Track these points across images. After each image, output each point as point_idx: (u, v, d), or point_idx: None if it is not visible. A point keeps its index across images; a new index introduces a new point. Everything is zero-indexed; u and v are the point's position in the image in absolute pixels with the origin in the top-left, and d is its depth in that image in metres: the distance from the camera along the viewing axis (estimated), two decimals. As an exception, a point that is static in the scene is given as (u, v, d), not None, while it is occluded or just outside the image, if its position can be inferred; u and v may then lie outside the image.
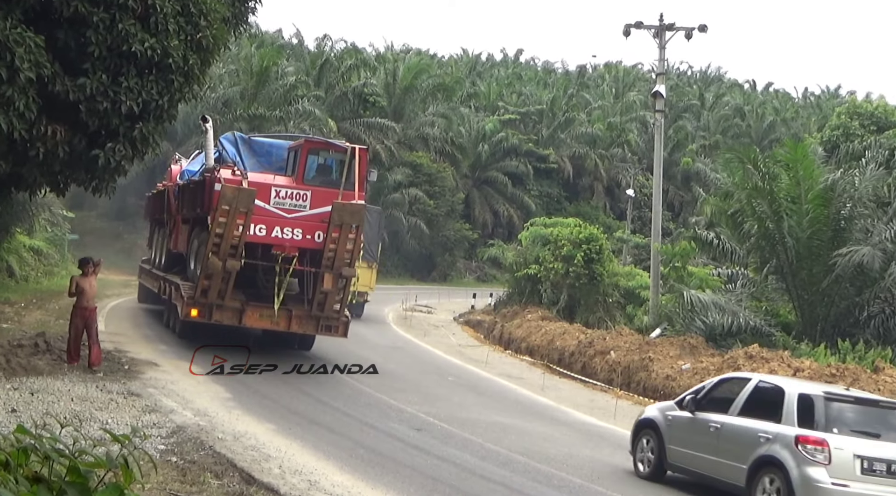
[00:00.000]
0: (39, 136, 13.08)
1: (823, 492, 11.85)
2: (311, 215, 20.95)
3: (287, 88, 54.15)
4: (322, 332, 21.46)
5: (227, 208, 19.77)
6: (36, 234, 38.04)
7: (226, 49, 17.07)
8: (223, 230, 19.89)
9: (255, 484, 10.95)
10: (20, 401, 13.90)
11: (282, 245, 20.82)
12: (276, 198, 20.93)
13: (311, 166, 21.68)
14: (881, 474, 11.98)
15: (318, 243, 20.73)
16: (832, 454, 11.97)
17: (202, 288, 20.53)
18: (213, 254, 20.10)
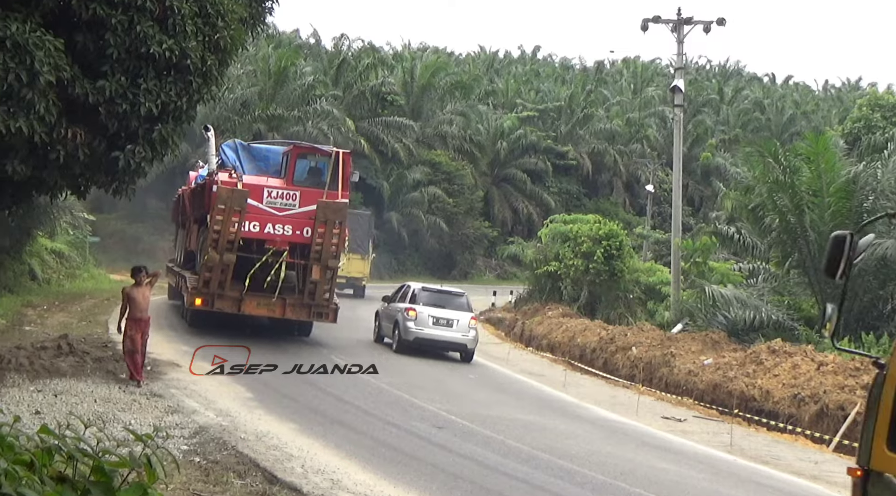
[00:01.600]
0: (59, 139, 13.14)
1: (412, 332, 25.46)
2: (300, 213, 23.19)
3: (305, 88, 54.25)
4: (314, 319, 23.92)
5: (223, 207, 22.15)
6: (57, 236, 38.25)
7: (243, 50, 17.11)
8: (220, 227, 22.22)
9: (277, 483, 10.98)
10: (44, 402, 13.98)
11: (274, 240, 23.07)
12: (269, 197, 23.21)
13: (300, 169, 24.10)
14: (439, 324, 25.62)
15: (306, 238, 23.04)
16: (418, 315, 25.50)
17: (204, 279, 22.80)
18: (213, 248, 22.44)
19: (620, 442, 17.22)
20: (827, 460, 17.91)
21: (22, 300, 28.91)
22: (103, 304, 31.18)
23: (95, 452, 3.86)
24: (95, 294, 34.63)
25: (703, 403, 22.69)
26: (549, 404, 20.88)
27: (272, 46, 58.35)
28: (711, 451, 17.59)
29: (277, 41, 63.67)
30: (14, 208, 16.15)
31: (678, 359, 25.10)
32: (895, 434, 6.36)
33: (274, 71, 54.08)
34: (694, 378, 23.78)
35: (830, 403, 19.80)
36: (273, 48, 57.77)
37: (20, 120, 12.29)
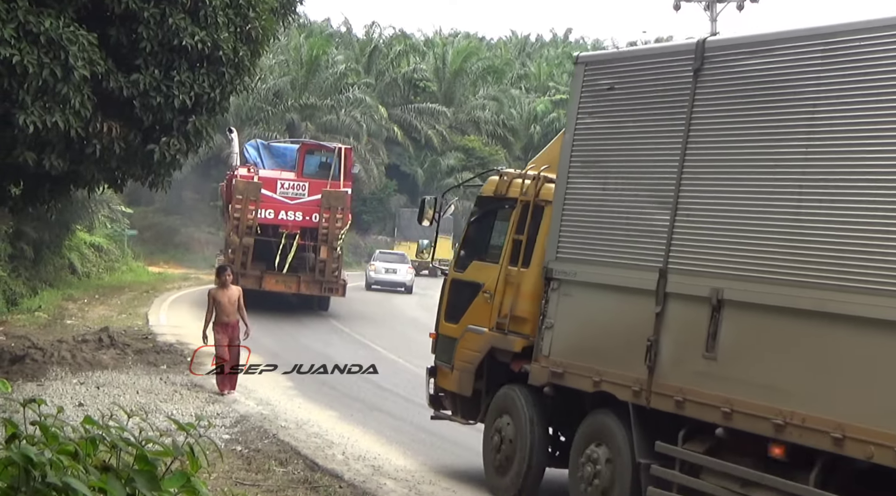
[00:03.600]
0: (95, 133, 13.25)
1: (373, 279, 40.27)
2: (308, 201, 27.25)
3: (337, 77, 54.34)
4: (325, 293, 27.46)
5: (241, 197, 26.42)
6: (96, 230, 38.59)
7: (275, 40, 17.19)
8: (240, 214, 26.40)
9: (319, 470, 11.04)
10: (86, 395, 14.13)
11: (286, 225, 27.23)
12: (282, 188, 27.39)
13: (309, 163, 28.38)
14: (387, 272, 40.43)
15: (314, 223, 27.00)
16: (376, 267, 40.62)
17: (229, 260, 26.07)
18: (234, 232, 26.67)
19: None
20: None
21: (62, 294, 29.22)
22: (142, 297, 31.46)
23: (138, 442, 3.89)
24: (134, 286, 34.94)
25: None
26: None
27: (303, 36, 58.41)
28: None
29: (309, 30, 63.69)
30: (52, 203, 16.31)
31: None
32: (449, 312, 11.72)
33: (306, 60, 54.20)
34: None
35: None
36: (304, 37, 57.84)
37: (56, 115, 12.42)
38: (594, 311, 9.76)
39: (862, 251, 7.28)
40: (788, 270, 7.76)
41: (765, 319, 8.04)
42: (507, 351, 10.61)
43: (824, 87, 7.77)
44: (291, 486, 10.29)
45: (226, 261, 26.34)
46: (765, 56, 8.38)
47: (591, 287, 9.64)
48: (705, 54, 8.84)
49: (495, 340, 10.83)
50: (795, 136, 8.01)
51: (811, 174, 7.85)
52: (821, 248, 7.57)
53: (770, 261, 7.92)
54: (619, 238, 9.47)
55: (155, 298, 31.19)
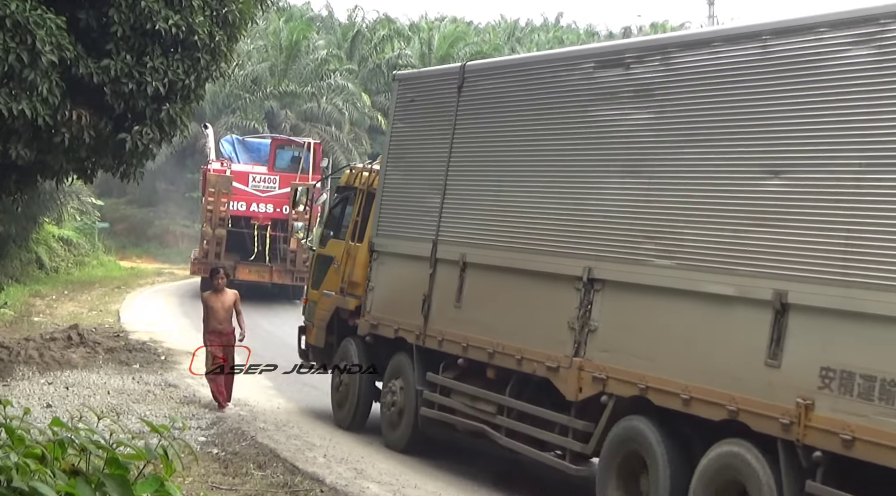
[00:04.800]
0: (64, 122, 13.19)
1: None
2: (279, 194, 29.33)
3: (318, 63, 54.18)
4: (297, 282, 28.33)
5: (213, 190, 29.05)
6: (65, 223, 38.46)
7: (253, 24, 17.09)
8: (212, 206, 28.94)
9: (299, 474, 11.05)
10: (55, 395, 14.11)
11: (257, 217, 29.65)
12: (254, 182, 29.86)
13: (281, 157, 30.89)
14: None
15: (285, 215, 28.90)
16: None
17: (203, 251, 29.29)
18: (207, 223, 29.32)
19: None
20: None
21: (29, 290, 29.14)
22: (114, 293, 31.40)
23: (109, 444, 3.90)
24: (106, 282, 34.85)
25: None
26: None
27: (283, 20, 58.23)
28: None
29: (288, 14, 63.51)
30: (19, 194, 16.21)
31: None
32: (313, 281, 15.05)
33: (285, 45, 54.04)
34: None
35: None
36: (284, 21, 57.66)
37: (22, 102, 12.35)
38: (396, 275, 13.02)
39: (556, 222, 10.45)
40: (505, 240, 11.12)
41: (487, 276, 11.41)
42: (346, 310, 13.91)
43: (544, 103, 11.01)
44: (270, 491, 10.30)
45: (200, 252, 29.70)
46: (499, 77, 12.01)
47: (395, 256, 13.01)
48: (465, 75, 12.18)
49: (339, 302, 14.09)
50: (521, 138, 11.23)
51: (535, 169, 10.99)
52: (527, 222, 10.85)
53: (498, 233, 11.25)
54: (412, 216, 12.77)
55: (127, 294, 31.15)
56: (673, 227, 9.12)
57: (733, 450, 8.29)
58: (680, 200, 9.14)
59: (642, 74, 9.81)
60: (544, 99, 11.01)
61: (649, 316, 9.27)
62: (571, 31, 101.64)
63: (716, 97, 9.01)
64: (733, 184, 8.66)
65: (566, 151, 10.60)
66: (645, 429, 9.14)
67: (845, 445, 7.33)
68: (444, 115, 12.42)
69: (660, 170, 9.46)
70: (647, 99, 9.72)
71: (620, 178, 9.87)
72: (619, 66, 10.14)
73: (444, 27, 74.69)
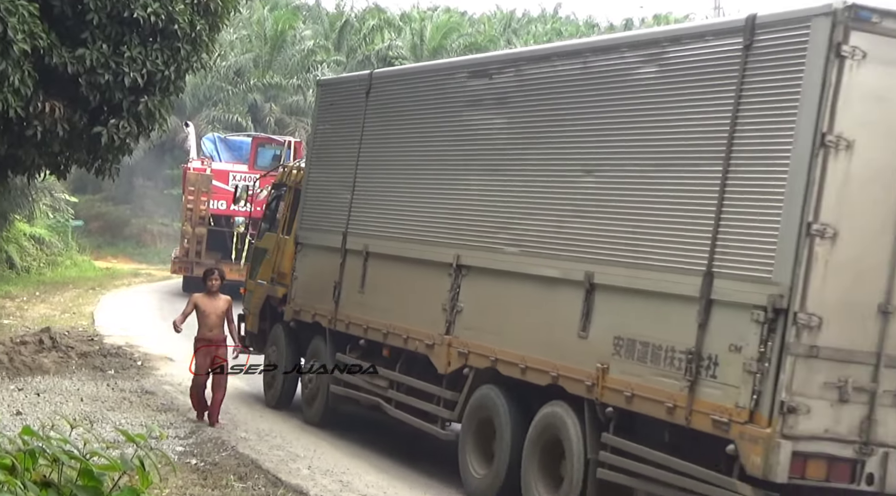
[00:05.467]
0: (36, 114, 13.18)
1: None
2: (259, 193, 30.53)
3: (305, 54, 54.17)
4: None
5: (193, 189, 30.20)
6: (36, 221, 38.37)
7: (236, 12, 17.13)
8: (192, 205, 30.10)
9: (282, 486, 11.03)
10: (25, 402, 14.08)
11: (238, 215, 29.72)
12: (233, 180, 30.16)
13: (262, 156, 31.76)
14: None
15: None
16: None
17: (184, 250, 30.41)
18: (187, 222, 30.46)
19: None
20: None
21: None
22: (88, 294, 31.34)
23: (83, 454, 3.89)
24: (79, 283, 34.79)
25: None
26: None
27: (268, 8, 58.24)
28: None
29: (273, 2, 63.51)
30: (-11, 190, 16.23)
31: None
32: (251, 272, 16.85)
33: (270, 35, 54.03)
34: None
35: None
36: (269, 10, 57.67)
37: (-7, 93, 12.34)
38: (314, 265, 14.76)
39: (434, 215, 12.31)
40: (397, 231, 12.94)
41: (384, 264, 13.18)
42: (276, 298, 15.70)
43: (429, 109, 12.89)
44: (251, 503, 10.28)
45: (181, 251, 30.79)
46: (397, 84, 14.11)
47: (314, 247, 14.77)
48: (372, 82, 14.11)
49: (270, 290, 15.88)
50: (411, 140, 13.18)
51: (420, 168, 12.86)
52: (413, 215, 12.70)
53: (392, 225, 13.07)
54: (328, 211, 14.55)
55: (102, 296, 31.09)
56: (519, 218, 10.96)
57: (554, 410, 10.14)
58: (524, 195, 10.99)
59: (501, 84, 11.65)
60: (429, 105, 12.96)
61: (499, 297, 11.13)
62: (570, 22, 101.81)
63: (549, 105, 10.85)
64: (559, 180, 10.55)
65: (443, 152, 12.51)
66: (494, 396, 11.01)
67: (627, 401, 9.18)
68: (355, 118, 14.27)
69: (511, 169, 11.32)
70: (504, 106, 11.56)
71: (482, 176, 11.73)
72: (485, 76, 11.92)
73: (436, 17, 74.78)
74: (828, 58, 7.96)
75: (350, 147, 14.22)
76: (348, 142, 14.33)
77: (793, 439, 7.97)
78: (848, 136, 7.98)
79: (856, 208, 8.09)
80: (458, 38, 67.39)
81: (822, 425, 8.10)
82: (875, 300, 8.17)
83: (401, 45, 63.50)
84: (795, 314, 7.96)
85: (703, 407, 8.48)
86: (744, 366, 8.18)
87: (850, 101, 7.99)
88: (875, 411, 8.19)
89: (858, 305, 8.16)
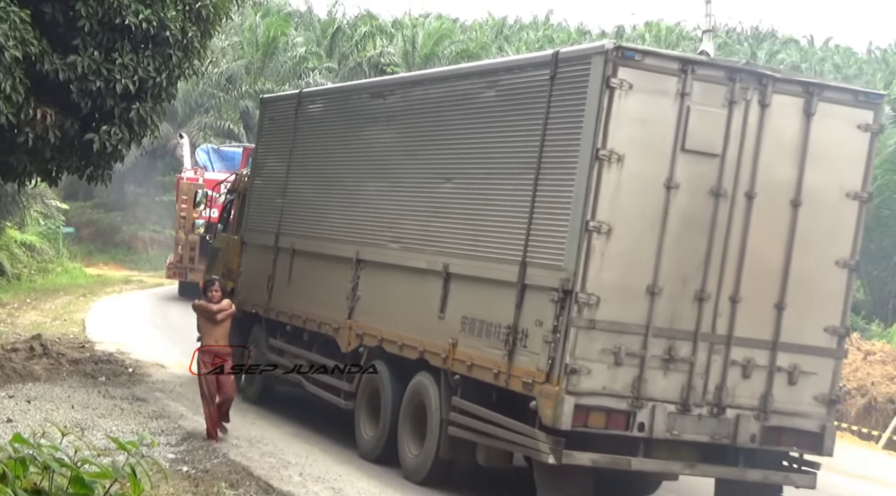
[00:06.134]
0: (28, 121, 13.17)
1: None
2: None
3: (296, 60, 54.17)
4: None
5: (186, 197, 31.52)
6: (27, 227, 38.29)
7: (228, 19, 17.14)
8: (185, 213, 31.61)
9: (274, 492, 11.02)
10: (16, 409, 14.03)
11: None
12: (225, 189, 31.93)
13: None
14: None
15: None
16: None
17: (178, 256, 31.76)
18: (181, 229, 31.80)
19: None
20: (875, 458, 17.90)
21: (-10, 298, 28.98)
22: (79, 301, 31.26)
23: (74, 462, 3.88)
24: (70, 290, 34.71)
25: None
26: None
27: (259, 15, 58.24)
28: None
29: (265, 9, 63.53)
30: (-21, 197, 16.20)
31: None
32: (208, 268, 18.81)
33: (262, 42, 54.02)
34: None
35: (879, 396, 19.78)
36: (261, 17, 57.65)
37: (-16, 100, 12.32)
38: (254, 262, 16.92)
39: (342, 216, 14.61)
40: (316, 231, 15.21)
41: (307, 260, 15.38)
42: (227, 291, 16.20)
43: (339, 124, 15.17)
44: (243, 511, 10.26)
45: (175, 257, 32.09)
46: (317, 102, 16.58)
47: (255, 246, 16.99)
48: (301, 100, 16.37)
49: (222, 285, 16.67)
50: (325, 151, 15.53)
51: (332, 175, 15.13)
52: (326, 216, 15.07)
53: (312, 226, 15.36)
54: (266, 214, 16.68)
55: (93, 303, 31.01)
56: (399, 219, 13.11)
57: (421, 379, 12.20)
58: (403, 199, 13.18)
59: (391, 104, 13.91)
60: (340, 121, 15.12)
61: (386, 286, 13.30)
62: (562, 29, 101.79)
63: (421, 122, 13.09)
64: (427, 186, 12.78)
65: (349, 162, 14.72)
66: (381, 370, 13.01)
67: (468, 369, 11.18)
68: (287, 132, 16.50)
69: (394, 176, 13.51)
70: (392, 123, 13.78)
71: (375, 183, 13.95)
72: (380, 97, 14.26)
73: (428, 24, 74.74)
74: (601, 88, 9.85)
75: (283, 157, 16.52)
76: (282, 153, 16.63)
77: (576, 395, 9.89)
78: (619, 151, 9.87)
79: (626, 209, 9.98)
80: (450, 44, 67.42)
81: (601, 384, 10.03)
82: (644, 283, 10.06)
83: (393, 52, 63.53)
84: (577, 294, 9.84)
85: (518, 372, 10.41)
86: (543, 337, 10.11)
87: (620, 123, 9.85)
88: (644, 372, 10.12)
89: (630, 287, 10.06)
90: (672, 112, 10.04)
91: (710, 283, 10.25)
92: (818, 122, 10.48)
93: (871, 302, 27.79)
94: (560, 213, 10.18)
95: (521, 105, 11.09)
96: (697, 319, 10.26)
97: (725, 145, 10.24)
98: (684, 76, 10.04)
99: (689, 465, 10.64)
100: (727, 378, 10.38)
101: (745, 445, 10.49)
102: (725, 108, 10.23)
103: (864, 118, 10.66)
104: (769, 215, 10.42)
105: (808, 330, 10.59)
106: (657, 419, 10.13)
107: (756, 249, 10.38)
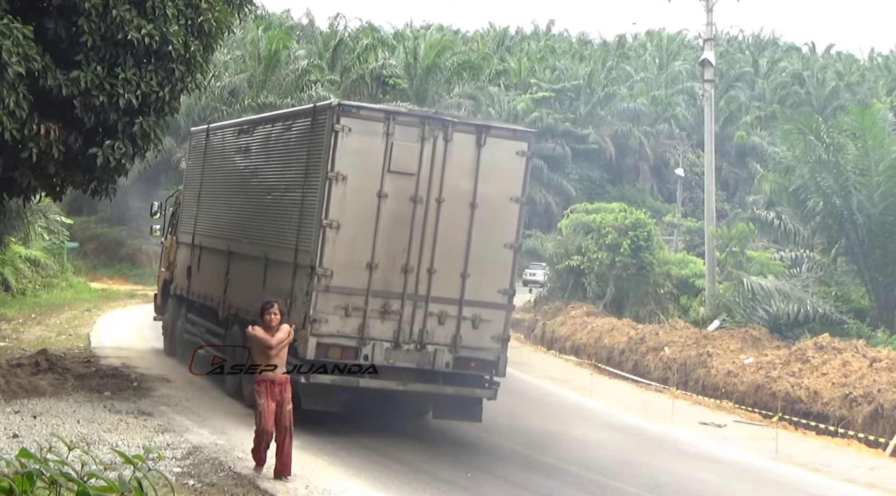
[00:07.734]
0: (32, 136, 13.18)
1: None
2: None
3: (298, 73, 54.24)
4: None
5: None
6: (32, 243, 38.34)
7: (230, 33, 17.18)
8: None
9: (280, 506, 10.99)
10: (22, 425, 14.03)
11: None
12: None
13: None
14: None
15: None
16: None
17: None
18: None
19: (655, 451, 17.21)
20: (883, 466, 17.87)
21: (-5, 313, 28.99)
22: (84, 316, 31.28)
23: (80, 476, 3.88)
24: (75, 304, 34.73)
25: (745, 407, 22.69)
26: (575, 412, 20.86)
27: (261, 28, 58.33)
28: (755, 459, 17.57)
29: (267, 23, 63.65)
30: (-17, 213, 16.21)
31: (716, 359, 25.10)
32: (160, 263, 26.46)
33: (264, 55, 54.10)
34: (734, 379, 23.77)
35: (886, 403, 19.75)
36: (262, 30, 57.74)
37: (-12, 116, 12.33)
38: (183, 256, 21.86)
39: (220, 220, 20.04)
40: (211, 231, 20.14)
41: (208, 253, 20.14)
42: (168, 280, 23.13)
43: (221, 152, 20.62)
44: (250, 524, 10.24)
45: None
46: (214, 134, 21.21)
47: (183, 244, 21.89)
48: (209, 131, 21.42)
49: (165, 275, 23.62)
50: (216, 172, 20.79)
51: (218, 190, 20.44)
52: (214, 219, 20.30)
53: (209, 227, 20.33)
54: (189, 218, 21.65)
55: (98, 317, 31.03)
56: (245, 220, 18.24)
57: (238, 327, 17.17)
58: (247, 206, 18.29)
59: (244, 139, 19.09)
60: (223, 149, 20.32)
61: (240, 270, 18.07)
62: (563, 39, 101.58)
63: (255, 151, 18.40)
64: (258, 197, 17.78)
65: (226, 180, 20.04)
66: (237, 330, 17.14)
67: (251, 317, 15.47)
68: (200, 156, 21.76)
69: (244, 190, 18.64)
70: (244, 152, 18.91)
71: (235, 196, 19.11)
72: (240, 134, 19.37)
73: (430, 36, 74.76)
74: (331, 131, 14.85)
75: (198, 175, 21.75)
76: (198, 172, 21.87)
77: (317, 336, 14.87)
78: (343, 173, 14.84)
79: (350, 212, 14.91)
80: (452, 56, 67.52)
81: (336, 329, 14.96)
82: (364, 260, 14.99)
83: (395, 64, 63.62)
84: (316, 268, 14.80)
85: (295, 323, 14.17)
86: (303, 299, 15.04)
87: (344, 154, 14.82)
88: (367, 321, 15.01)
89: (355, 263, 14.96)
90: (381, 146, 14.91)
91: (413, 260, 15.10)
92: (487, 150, 15.26)
93: (876, 308, 27.71)
94: (310, 215, 15.17)
95: (299, 141, 16.24)
96: (404, 284, 15.10)
97: (420, 167, 15.07)
98: (388, 121, 14.94)
99: (402, 384, 15.22)
100: (427, 324, 15.15)
101: (442, 370, 15.23)
102: (419, 142, 15.05)
103: (521, 147, 15.55)
104: (454, 214, 15.19)
105: (486, 291, 15.34)
106: (377, 352, 15.01)
107: (445, 237, 15.15)
